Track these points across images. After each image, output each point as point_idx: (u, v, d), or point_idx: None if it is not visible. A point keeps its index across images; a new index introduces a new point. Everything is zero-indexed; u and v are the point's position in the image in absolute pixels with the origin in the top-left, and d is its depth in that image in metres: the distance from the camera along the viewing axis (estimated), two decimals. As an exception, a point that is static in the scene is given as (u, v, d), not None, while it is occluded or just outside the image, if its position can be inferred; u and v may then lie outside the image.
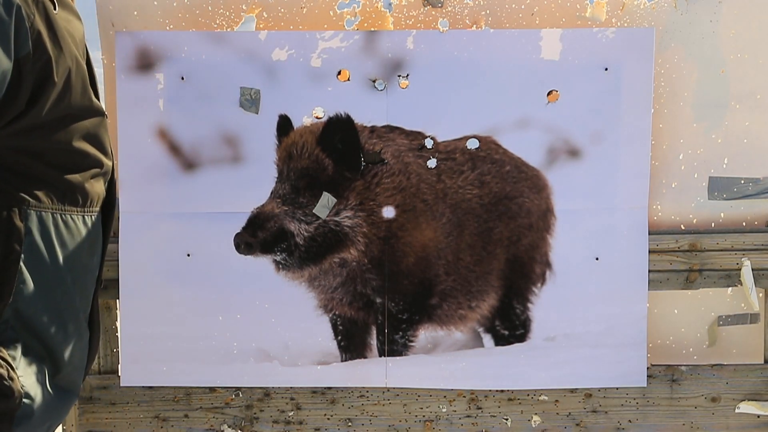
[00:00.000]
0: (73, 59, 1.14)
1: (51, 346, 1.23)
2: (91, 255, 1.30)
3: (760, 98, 1.92)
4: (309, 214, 1.88)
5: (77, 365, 1.33)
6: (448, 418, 2.00)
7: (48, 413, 1.24)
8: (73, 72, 1.14)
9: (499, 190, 1.93)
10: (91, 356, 1.39)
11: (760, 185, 1.94)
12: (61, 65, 1.11)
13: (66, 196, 1.22)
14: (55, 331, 1.23)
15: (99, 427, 2.01)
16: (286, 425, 2.01)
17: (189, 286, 1.94)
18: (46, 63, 1.08)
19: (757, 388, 1.99)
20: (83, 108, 1.21)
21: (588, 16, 1.88)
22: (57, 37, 1.11)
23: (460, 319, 1.98)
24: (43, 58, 1.08)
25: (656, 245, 1.93)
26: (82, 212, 1.25)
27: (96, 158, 1.27)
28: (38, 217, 1.18)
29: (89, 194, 1.26)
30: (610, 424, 2.00)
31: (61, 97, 1.14)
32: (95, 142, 1.27)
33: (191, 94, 1.89)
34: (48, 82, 1.09)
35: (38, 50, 1.06)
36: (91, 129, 1.25)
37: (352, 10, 1.87)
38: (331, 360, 1.97)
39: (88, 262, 1.29)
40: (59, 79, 1.11)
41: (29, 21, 1.05)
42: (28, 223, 1.17)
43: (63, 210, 1.22)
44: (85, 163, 1.25)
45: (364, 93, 1.87)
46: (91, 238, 1.29)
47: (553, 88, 1.87)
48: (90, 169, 1.26)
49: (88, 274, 1.30)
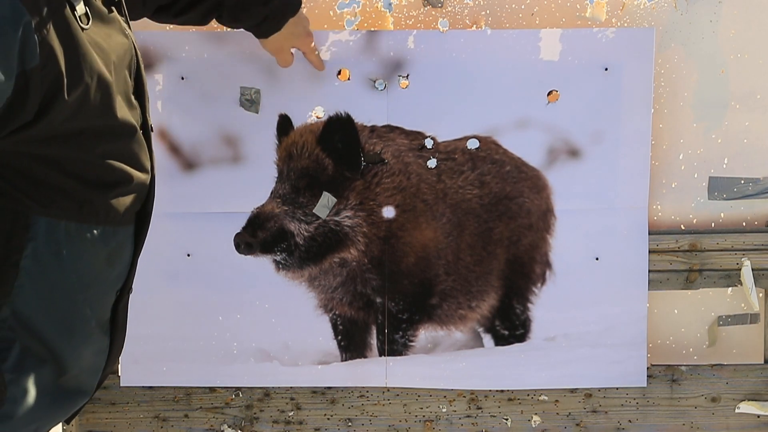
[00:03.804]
0: (94, 76, 1.12)
1: (55, 349, 1.22)
2: (109, 266, 1.27)
3: (760, 98, 1.92)
4: (309, 214, 1.88)
5: (89, 368, 1.31)
6: (448, 418, 2.01)
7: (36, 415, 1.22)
8: (92, 89, 1.12)
9: (499, 190, 1.93)
10: (112, 359, 1.37)
11: (760, 185, 1.94)
12: (74, 83, 1.10)
13: (83, 207, 1.19)
14: (58, 335, 1.22)
15: (99, 427, 2.02)
16: (286, 425, 2.01)
17: (189, 286, 1.94)
18: (56, 77, 1.07)
19: (757, 388, 1.99)
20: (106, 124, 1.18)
21: (588, 16, 1.88)
22: (76, 55, 1.10)
23: (460, 319, 1.98)
24: (54, 72, 1.07)
25: (656, 245, 1.93)
26: (102, 225, 1.22)
27: (124, 173, 1.23)
28: (47, 224, 1.16)
29: (113, 208, 1.23)
30: (610, 424, 2.00)
31: (75, 112, 1.11)
32: (124, 158, 1.23)
33: (191, 94, 1.89)
34: (59, 96, 1.08)
35: (49, 64, 1.06)
36: (120, 144, 1.22)
37: (352, 10, 1.87)
38: (331, 360, 1.97)
39: (103, 273, 1.27)
40: (71, 97, 1.10)
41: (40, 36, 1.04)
42: (33, 228, 1.15)
43: (78, 220, 1.19)
44: (110, 177, 1.21)
45: (364, 93, 1.87)
46: (111, 250, 1.26)
47: (553, 88, 1.87)
48: (116, 184, 1.23)
49: (103, 284, 1.28)
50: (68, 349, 1.24)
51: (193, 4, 1.67)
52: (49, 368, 1.23)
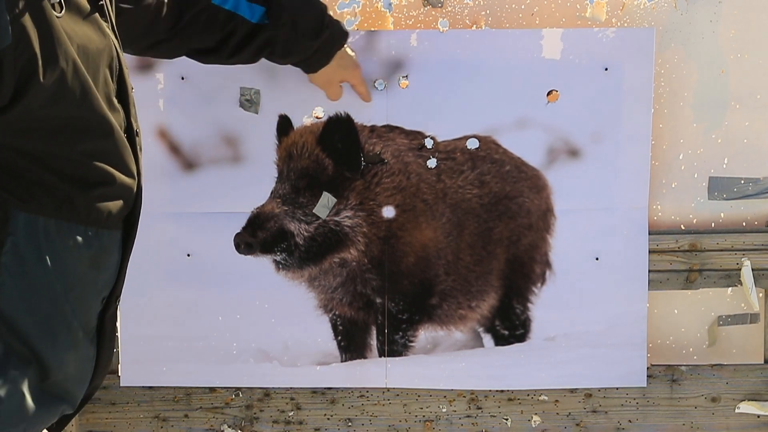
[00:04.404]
0: (69, 62, 1.12)
1: (37, 350, 1.21)
2: (93, 269, 1.26)
3: (760, 98, 1.92)
4: (309, 214, 1.88)
5: (74, 375, 1.29)
6: (448, 418, 2.01)
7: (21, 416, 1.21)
8: (69, 77, 1.12)
9: (499, 190, 1.93)
10: (99, 372, 1.36)
11: (760, 185, 1.94)
12: (50, 66, 1.09)
13: (63, 205, 1.19)
14: (41, 337, 1.21)
15: (99, 427, 2.01)
16: (286, 425, 2.01)
17: (189, 286, 1.94)
18: (30, 59, 1.07)
19: (757, 388, 1.99)
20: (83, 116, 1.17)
21: (588, 16, 1.88)
22: (51, 38, 1.09)
23: (460, 319, 1.98)
24: (27, 54, 1.06)
25: (656, 245, 1.93)
26: (84, 225, 1.22)
27: (107, 173, 1.22)
28: (26, 220, 1.15)
29: (95, 209, 1.22)
30: (610, 424, 2.00)
31: (53, 98, 1.11)
32: (107, 158, 1.22)
33: (191, 94, 1.89)
34: (33, 78, 1.08)
35: (21, 45, 1.06)
36: (102, 144, 1.21)
37: (352, 10, 1.87)
38: (331, 360, 1.97)
39: (87, 276, 1.25)
40: (47, 80, 1.09)
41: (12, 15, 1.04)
42: (12, 223, 1.15)
43: (58, 218, 1.18)
44: (92, 176, 1.21)
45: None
46: (94, 252, 1.25)
47: (553, 88, 1.87)
48: (98, 185, 1.22)
49: (87, 288, 1.27)
50: (52, 353, 1.23)
51: (245, 44, 1.64)
52: (33, 370, 1.21)
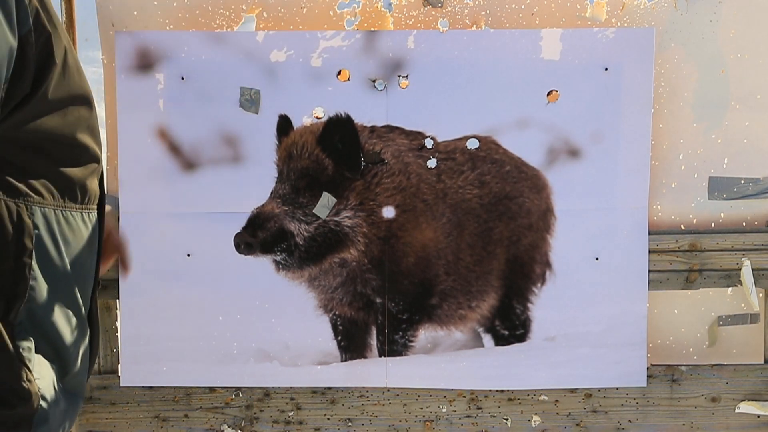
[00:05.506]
0: (66, 39, 1.13)
1: (59, 347, 1.21)
2: (90, 253, 1.28)
3: (760, 98, 1.92)
4: (309, 214, 1.88)
5: (82, 367, 1.31)
6: (448, 418, 2.00)
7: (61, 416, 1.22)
8: (68, 51, 1.13)
9: (499, 190, 1.93)
10: (92, 358, 1.37)
11: (760, 185, 1.94)
12: (58, 44, 1.09)
13: (65, 191, 1.19)
14: (62, 332, 1.21)
15: (99, 427, 2.01)
16: (286, 425, 2.01)
17: (189, 286, 1.94)
18: (46, 40, 1.06)
19: (757, 388, 1.99)
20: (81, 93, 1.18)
21: (588, 16, 1.88)
22: (50, 15, 1.09)
23: (460, 319, 1.98)
24: (44, 36, 1.06)
25: (656, 245, 1.93)
26: (80, 209, 1.23)
27: (94, 152, 1.25)
28: (42, 214, 1.16)
29: (88, 191, 1.24)
30: (610, 424, 2.00)
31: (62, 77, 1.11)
32: (94, 134, 1.24)
33: (191, 94, 1.89)
34: (50, 61, 1.07)
35: (38, 27, 1.05)
36: (90, 119, 1.22)
37: (352, 10, 1.87)
38: (331, 360, 1.97)
39: (87, 261, 1.27)
40: (59, 58, 1.09)
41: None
42: (34, 219, 1.14)
43: (63, 206, 1.19)
44: (85, 157, 1.22)
45: (364, 93, 1.87)
46: (90, 236, 1.26)
47: (553, 88, 1.87)
48: (89, 164, 1.24)
49: (87, 273, 1.28)
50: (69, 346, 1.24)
51: None
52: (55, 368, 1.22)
